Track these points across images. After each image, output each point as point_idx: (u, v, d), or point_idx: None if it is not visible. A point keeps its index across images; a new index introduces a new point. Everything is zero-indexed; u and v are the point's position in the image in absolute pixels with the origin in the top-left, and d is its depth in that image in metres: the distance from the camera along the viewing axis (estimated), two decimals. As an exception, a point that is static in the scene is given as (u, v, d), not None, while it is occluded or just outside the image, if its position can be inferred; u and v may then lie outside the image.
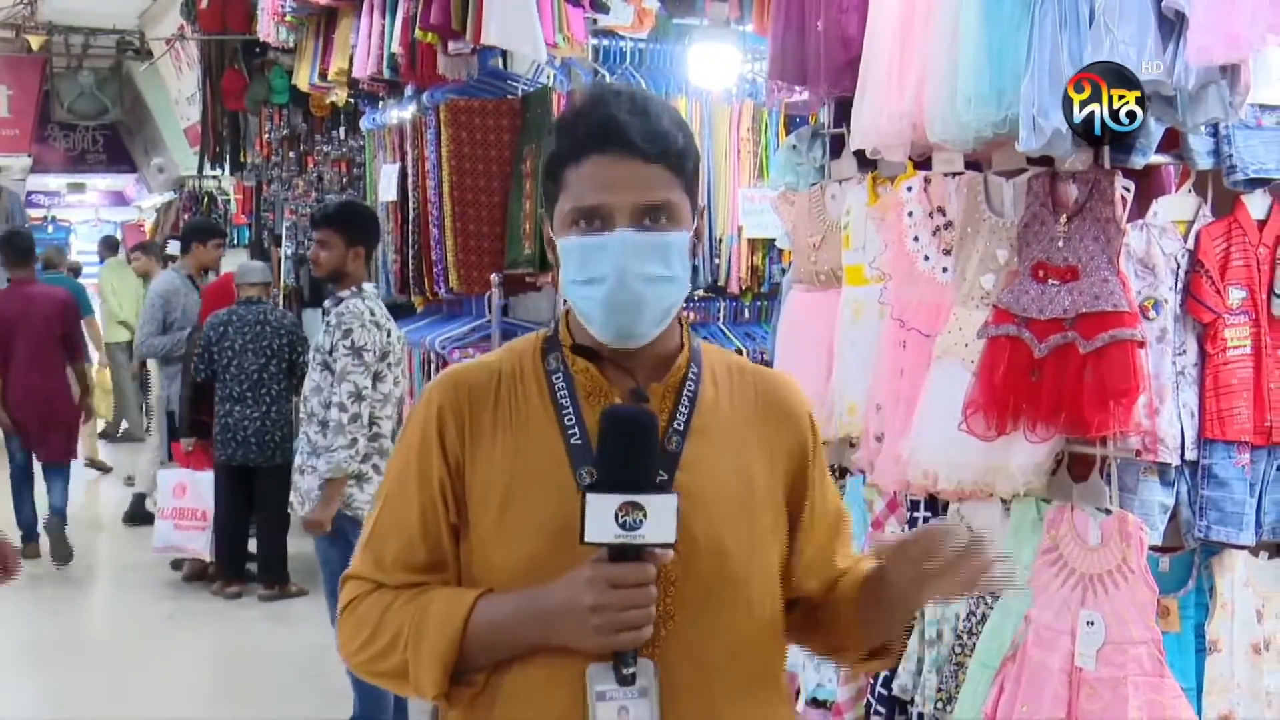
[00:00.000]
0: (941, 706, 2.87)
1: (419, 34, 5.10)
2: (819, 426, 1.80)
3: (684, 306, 5.33)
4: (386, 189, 5.74)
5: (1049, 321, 2.65)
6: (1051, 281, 2.67)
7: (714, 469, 1.65)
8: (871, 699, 3.06)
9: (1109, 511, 2.65)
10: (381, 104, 6.30)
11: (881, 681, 3.03)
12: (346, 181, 7.38)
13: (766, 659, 1.70)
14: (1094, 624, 2.60)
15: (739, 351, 5.18)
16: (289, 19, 7.10)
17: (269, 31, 7.62)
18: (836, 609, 1.75)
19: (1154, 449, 2.65)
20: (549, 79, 5.24)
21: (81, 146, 16.45)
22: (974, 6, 2.77)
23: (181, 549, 7.18)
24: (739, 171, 5.30)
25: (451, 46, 5.08)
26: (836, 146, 3.41)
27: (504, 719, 1.61)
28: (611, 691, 1.53)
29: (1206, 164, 2.77)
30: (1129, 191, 2.63)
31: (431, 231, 5.30)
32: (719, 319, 5.45)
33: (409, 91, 5.84)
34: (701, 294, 5.48)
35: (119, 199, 19.19)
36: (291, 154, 8.93)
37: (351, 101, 7.00)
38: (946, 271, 2.95)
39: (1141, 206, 2.77)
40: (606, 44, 5.29)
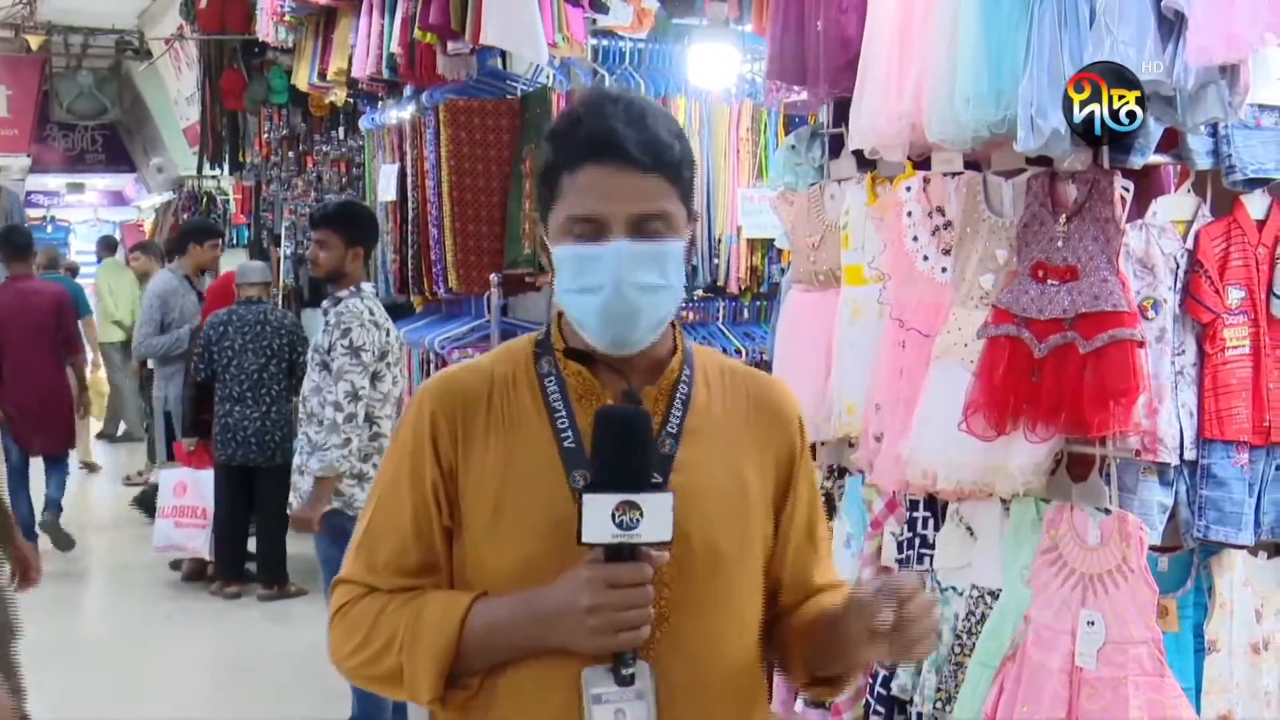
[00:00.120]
0: (941, 706, 2.87)
1: (418, 34, 5.11)
2: (808, 432, 1.80)
3: (682, 307, 5.33)
4: (385, 189, 5.74)
5: (1049, 321, 2.65)
6: (1051, 281, 2.67)
7: (707, 471, 1.64)
8: (870, 699, 3.06)
9: (1108, 511, 2.65)
10: (381, 104, 6.30)
11: (881, 681, 3.03)
12: (346, 181, 7.38)
13: (755, 661, 1.70)
14: (1094, 624, 2.60)
15: (738, 352, 5.19)
16: (288, 19, 7.10)
17: (268, 31, 7.62)
18: (790, 629, 1.74)
19: (1153, 449, 2.65)
20: (548, 79, 5.24)
21: (81, 146, 16.45)
22: (973, 6, 2.77)
23: (181, 547, 7.18)
24: (738, 171, 5.30)
25: (451, 46, 5.08)
26: (835, 146, 3.41)
27: None
28: (608, 694, 1.53)
29: (1205, 164, 2.77)
30: (1128, 191, 2.63)
31: (431, 231, 5.31)
32: (718, 319, 5.45)
33: (408, 91, 5.84)
34: (701, 294, 5.48)
35: (118, 199, 19.20)
36: (290, 154, 8.94)
37: (351, 101, 7.00)
38: (946, 271, 2.95)
39: (1140, 206, 2.77)
40: (606, 44, 5.29)
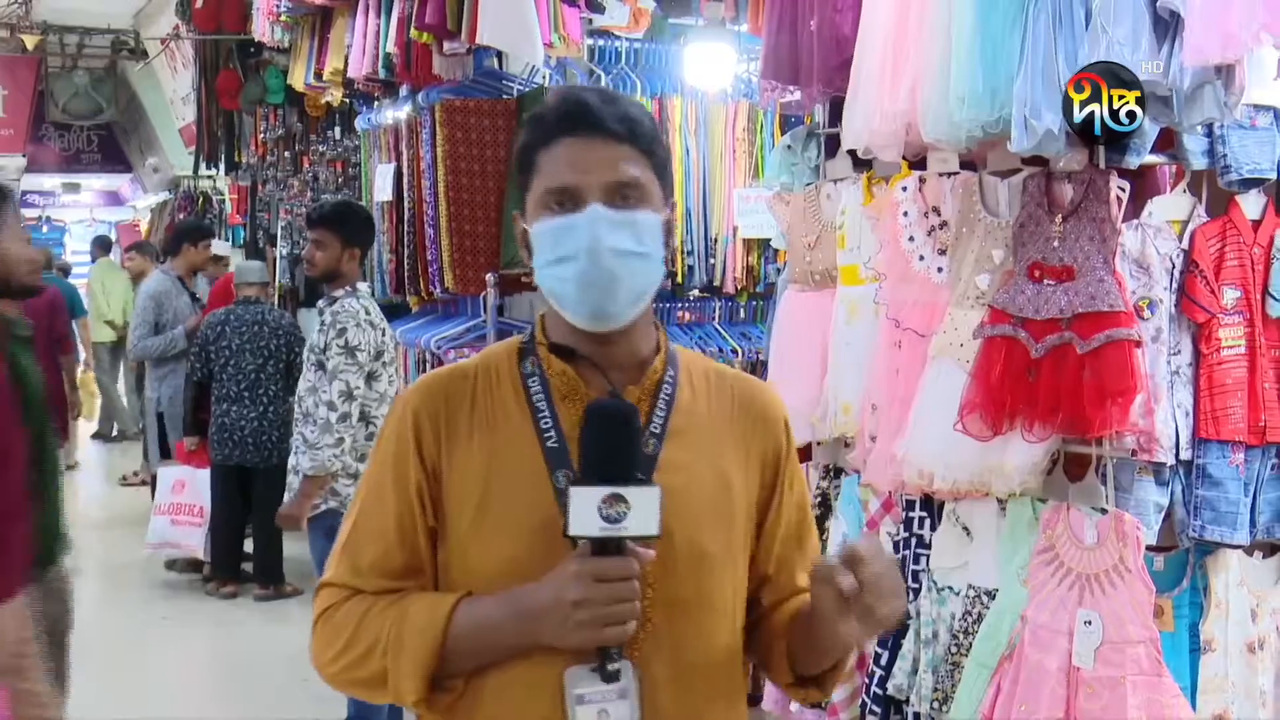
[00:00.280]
0: (937, 706, 2.87)
1: (414, 34, 5.11)
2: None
3: (680, 307, 5.29)
4: (382, 189, 5.74)
5: (1045, 321, 2.65)
6: (1047, 281, 2.68)
7: (692, 471, 1.64)
8: (867, 699, 3.06)
9: (1105, 511, 2.65)
10: (377, 104, 6.29)
11: (877, 681, 3.03)
12: (342, 181, 7.37)
13: (738, 659, 1.70)
14: (1091, 623, 2.60)
15: (734, 352, 5.20)
16: (284, 19, 7.09)
17: (264, 31, 7.61)
18: (772, 628, 1.74)
19: (1150, 448, 2.65)
20: (544, 79, 5.24)
21: (76, 146, 16.44)
22: (968, 6, 2.77)
23: (176, 545, 7.17)
24: (734, 171, 5.30)
25: (447, 46, 5.07)
26: (831, 146, 3.41)
27: None
28: (591, 694, 1.52)
29: (1201, 164, 2.77)
30: (1124, 191, 2.64)
31: (427, 231, 5.30)
32: (714, 319, 5.45)
33: (404, 91, 5.84)
34: (697, 294, 5.49)
35: (114, 199, 19.19)
36: (287, 154, 8.92)
37: (347, 101, 7.00)
38: (941, 271, 2.96)
39: (1136, 207, 2.78)
40: (602, 44, 5.29)
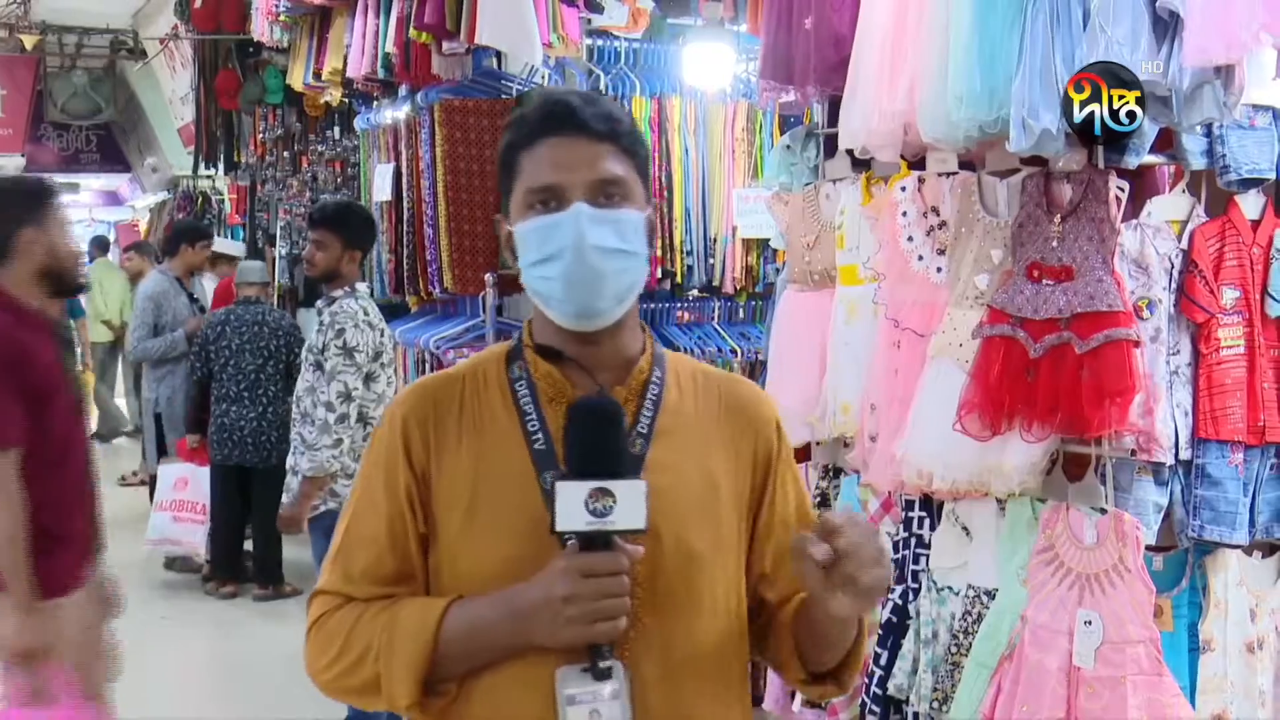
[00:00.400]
0: (937, 706, 2.87)
1: (413, 34, 5.10)
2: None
3: (679, 307, 5.28)
4: (381, 189, 5.73)
5: (1044, 321, 2.65)
6: (1046, 281, 2.68)
7: (679, 471, 1.64)
8: (867, 699, 3.06)
9: (1104, 511, 2.65)
10: (376, 104, 6.29)
11: (877, 681, 3.03)
12: (341, 181, 7.37)
13: (731, 661, 1.69)
14: (1091, 623, 2.60)
15: (733, 351, 5.20)
16: (283, 18, 7.08)
17: (263, 31, 7.60)
18: (780, 625, 1.74)
19: (1150, 448, 2.65)
20: (543, 79, 5.23)
21: (75, 146, 16.41)
22: (966, 6, 2.77)
23: (176, 542, 7.16)
24: (733, 171, 5.30)
25: (446, 46, 5.07)
26: (830, 146, 3.41)
27: None
28: (582, 694, 1.52)
29: (1200, 164, 2.77)
30: (1124, 191, 2.64)
31: (426, 231, 5.30)
32: (713, 319, 5.46)
33: (403, 91, 5.84)
34: (696, 294, 5.49)
35: (113, 199, 19.16)
36: (286, 154, 8.91)
37: (346, 101, 6.99)
38: (940, 271, 2.96)
39: (1135, 207, 2.78)
40: (601, 44, 5.29)
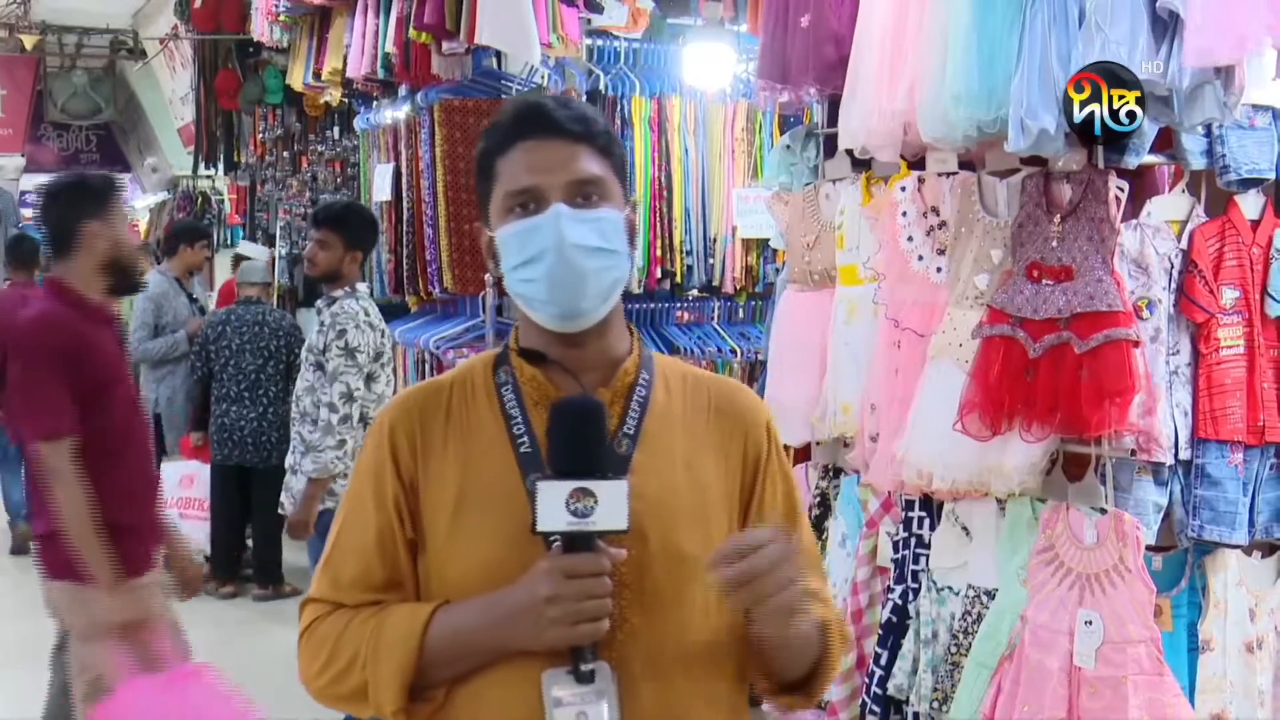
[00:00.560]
0: (937, 706, 2.87)
1: (413, 34, 5.10)
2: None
3: (678, 307, 5.28)
4: (381, 189, 5.73)
5: (1044, 321, 2.65)
6: (1046, 281, 2.68)
7: (666, 472, 1.64)
8: (867, 698, 3.06)
9: (1104, 511, 2.65)
10: (375, 104, 6.29)
11: (877, 681, 3.03)
12: (340, 181, 7.37)
13: (724, 662, 1.67)
14: (1092, 623, 2.60)
15: (733, 351, 5.20)
16: (283, 18, 7.08)
17: (263, 31, 7.60)
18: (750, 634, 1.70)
19: (1150, 448, 2.66)
20: (543, 79, 5.23)
21: (75, 146, 16.40)
22: (965, 5, 2.77)
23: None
24: (733, 171, 5.30)
25: (446, 46, 5.07)
26: (830, 146, 3.41)
27: None
28: (568, 697, 1.52)
29: (1200, 164, 2.78)
30: (1123, 191, 2.64)
31: (426, 231, 5.30)
32: (713, 319, 5.46)
33: (403, 91, 5.84)
34: (696, 294, 5.49)
35: (113, 199, 19.13)
36: (285, 154, 8.91)
37: (346, 101, 6.99)
38: (940, 271, 2.96)
39: (1135, 206, 2.78)
40: (601, 44, 5.29)
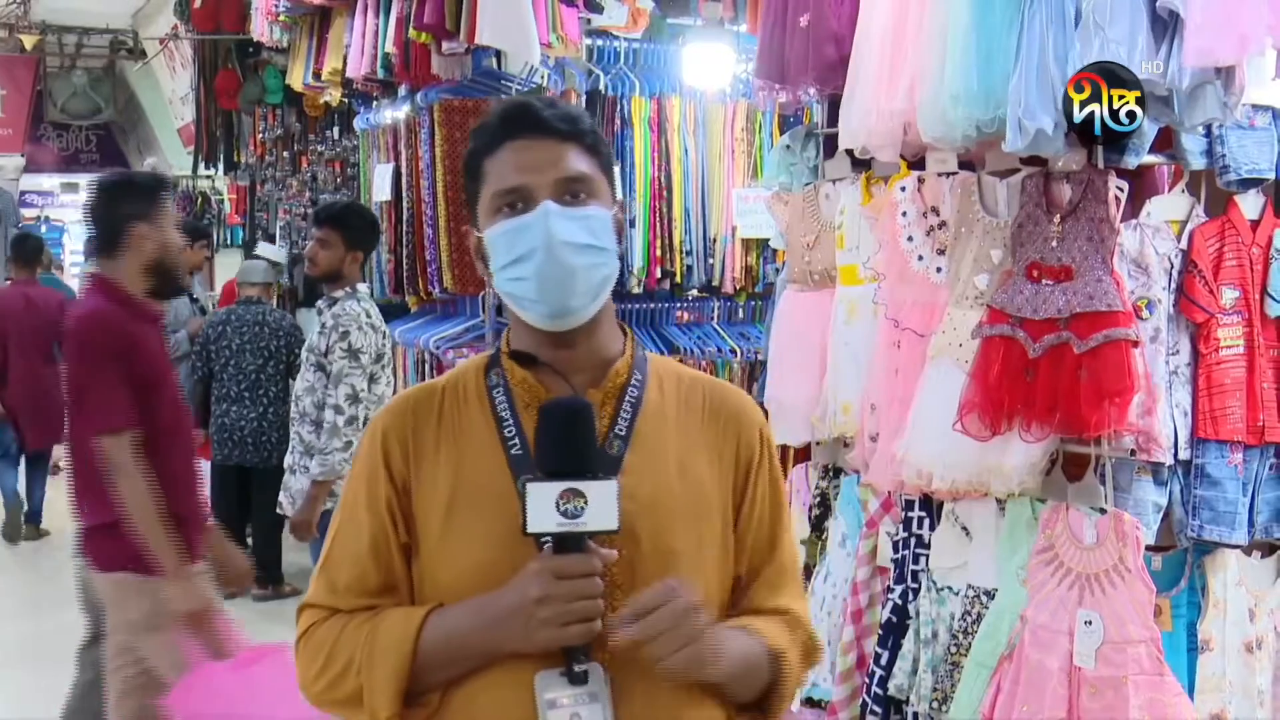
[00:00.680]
0: (937, 706, 2.87)
1: (413, 34, 5.10)
2: (773, 445, 1.76)
3: (678, 307, 5.28)
4: (381, 189, 5.73)
5: (1043, 321, 2.65)
6: (1045, 281, 2.68)
7: (659, 473, 1.63)
8: (867, 698, 3.06)
9: (1104, 511, 2.66)
10: (375, 104, 6.29)
11: (877, 681, 3.03)
12: (341, 181, 7.37)
13: None
14: (1092, 623, 2.60)
15: (733, 351, 5.20)
16: (283, 18, 7.08)
17: (263, 31, 7.60)
18: None
19: (1149, 448, 2.66)
20: (543, 79, 5.23)
21: (75, 146, 16.41)
22: (965, 5, 2.77)
23: None
24: (733, 171, 5.31)
25: (446, 46, 5.07)
26: (830, 146, 3.41)
27: None
28: (561, 698, 1.52)
29: (1199, 164, 2.78)
30: (1123, 191, 2.64)
31: (425, 231, 5.30)
32: (713, 319, 5.46)
33: (403, 91, 5.84)
34: (696, 294, 5.49)
35: (113, 199, 19.12)
36: (285, 154, 8.91)
37: (345, 101, 6.99)
38: (940, 271, 2.96)
39: (1135, 206, 2.78)
40: (601, 44, 5.29)
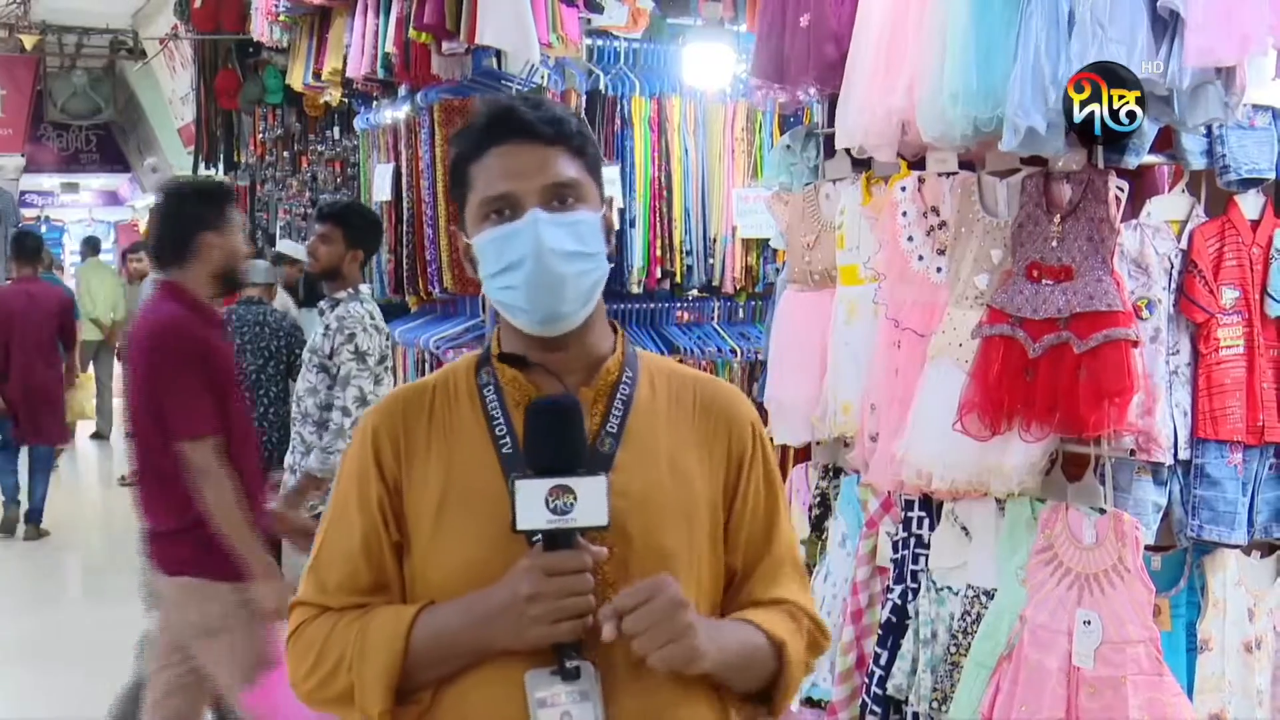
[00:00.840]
0: (937, 706, 2.87)
1: (413, 34, 5.10)
2: (766, 440, 1.76)
3: (678, 307, 5.28)
4: (381, 189, 5.73)
5: (1043, 321, 2.65)
6: (1045, 281, 2.68)
7: (650, 470, 1.63)
8: (867, 698, 3.06)
9: (1103, 511, 2.66)
10: (375, 104, 6.28)
11: (876, 681, 3.03)
12: (340, 181, 7.36)
13: None
14: (1091, 623, 2.60)
15: (733, 351, 5.20)
16: (283, 18, 7.07)
17: (263, 31, 7.59)
18: None
19: (1149, 448, 2.66)
20: (543, 79, 5.23)
21: (75, 146, 16.43)
22: (964, 4, 2.77)
23: None
24: (733, 171, 5.30)
25: (446, 46, 5.07)
26: (830, 146, 3.40)
27: None
28: (552, 697, 1.52)
29: (1200, 164, 2.78)
30: (1123, 191, 2.64)
31: (425, 231, 5.30)
32: (713, 319, 5.46)
33: (403, 91, 5.83)
34: (696, 294, 5.49)
35: (113, 199, 19.15)
36: (285, 154, 8.91)
37: (345, 101, 6.98)
38: (940, 271, 2.96)
39: (1135, 206, 2.78)
40: (601, 44, 5.29)
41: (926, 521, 3.02)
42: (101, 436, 12.39)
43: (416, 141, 5.39)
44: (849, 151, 3.23)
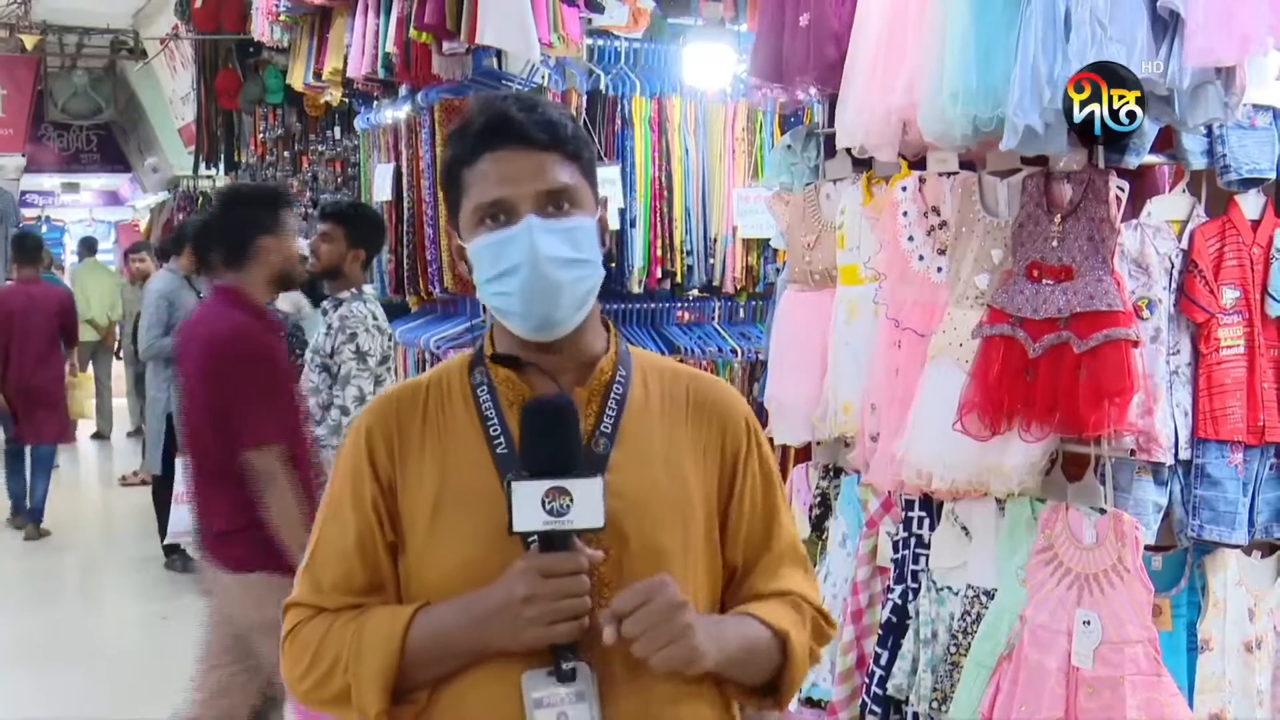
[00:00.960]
0: (937, 706, 2.87)
1: (414, 34, 5.10)
2: (761, 436, 1.76)
3: (678, 307, 5.27)
4: (381, 189, 5.73)
5: (1043, 321, 2.65)
6: (1046, 281, 2.68)
7: (645, 470, 1.63)
8: (867, 698, 3.06)
9: (1104, 511, 2.66)
10: (376, 104, 6.28)
11: (876, 681, 3.03)
12: (341, 181, 7.37)
13: None
14: (1090, 623, 2.60)
15: (734, 351, 5.20)
16: (283, 18, 7.07)
17: (263, 31, 7.60)
18: None
19: (1149, 448, 2.66)
20: (544, 79, 5.23)
21: (75, 146, 16.43)
22: (964, 3, 2.77)
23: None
24: (734, 171, 5.30)
25: (446, 46, 5.07)
26: (831, 146, 3.40)
27: None
28: (549, 698, 1.52)
29: (1200, 164, 2.78)
30: (1124, 191, 2.64)
31: (426, 231, 5.30)
32: (714, 319, 5.46)
33: (403, 91, 5.83)
34: (696, 294, 5.49)
35: (113, 199, 19.16)
36: (286, 154, 8.92)
37: (346, 101, 6.99)
38: (941, 271, 2.96)
39: (1135, 206, 2.78)
40: (601, 44, 5.29)
41: (927, 521, 3.02)
42: (102, 436, 12.40)
43: (417, 141, 5.40)
44: (849, 151, 3.23)
